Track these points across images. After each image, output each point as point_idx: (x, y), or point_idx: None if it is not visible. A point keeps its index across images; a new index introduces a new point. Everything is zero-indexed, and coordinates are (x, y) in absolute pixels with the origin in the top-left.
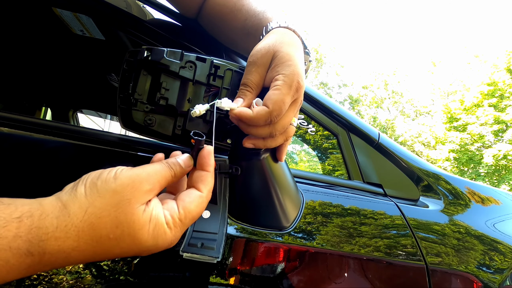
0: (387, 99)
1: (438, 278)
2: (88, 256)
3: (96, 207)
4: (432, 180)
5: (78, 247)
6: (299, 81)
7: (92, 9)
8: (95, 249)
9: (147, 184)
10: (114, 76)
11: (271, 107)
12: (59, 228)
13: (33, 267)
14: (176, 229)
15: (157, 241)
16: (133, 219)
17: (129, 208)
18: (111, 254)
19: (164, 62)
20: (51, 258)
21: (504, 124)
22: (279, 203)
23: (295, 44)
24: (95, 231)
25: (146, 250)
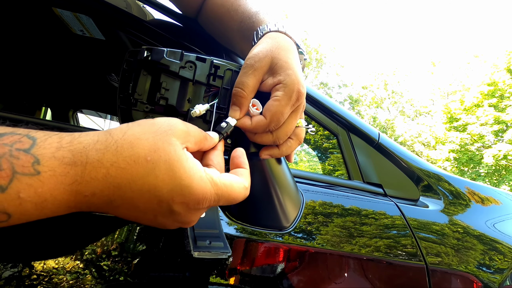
0: (387, 99)
1: (438, 278)
2: (126, 178)
3: (135, 131)
4: (432, 180)
5: (116, 162)
6: (299, 89)
7: (92, 9)
8: (132, 169)
9: (183, 126)
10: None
11: (269, 118)
12: (100, 142)
13: (77, 182)
14: (213, 186)
15: (191, 181)
16: (171, 148)
17: (166, 137)
18: (147, 182)
19: (164, 62)
20: (92, 171)
21: (504, 124)
22: (279, 203)
23: (290, 49)
24: (134, 149)
25: (179, 187)
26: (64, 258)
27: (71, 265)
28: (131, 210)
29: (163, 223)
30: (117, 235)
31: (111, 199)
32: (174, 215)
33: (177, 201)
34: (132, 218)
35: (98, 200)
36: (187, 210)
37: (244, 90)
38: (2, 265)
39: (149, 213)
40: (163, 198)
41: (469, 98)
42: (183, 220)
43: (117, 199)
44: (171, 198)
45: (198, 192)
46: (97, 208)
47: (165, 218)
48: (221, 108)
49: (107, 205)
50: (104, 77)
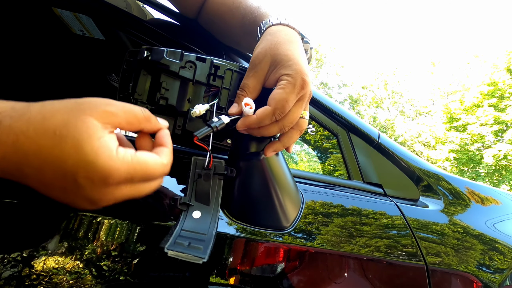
0: (387, 99)
1: (438, 278)
2: (33, 148)
3: (54, 106)
4: (432, 180)
5: (27, 131)
6: (304, 78)
7: (92, 9)
8: (40, 140)
9: (112, 106)
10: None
11: (273, 105)
12: (15, 109)
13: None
14: (123, 163)
15: (97, 159)
16: (82, 125)
17: (81, 115)
18: (52, 153)
19: (164, 62)
20: (2, 135)
21: (504, 124)
22: (279, 203)
23: (291, 40)
24: (45, 122)
25: (83, 162)
26: (64, 258)
27: (71, 265)
28: (41, 182)
29: (74, 201)
30: (117, 235)
31: (20, 167)
32: (81, 190)
33: (81, 175)
34: (44, 191)
35: (8, 164)
36: (93, 185)
37: (244, 90)
38: (2, 265)
39: (57, 186)
40: (67, 171)
41: (469, 98)
42: (92, 197)
43: (25, 167)
44: (76, 171)
45: (104, 169)
46: (10, 174)
47: (73, 194)
48: (221, 108)
49: (18, 171)
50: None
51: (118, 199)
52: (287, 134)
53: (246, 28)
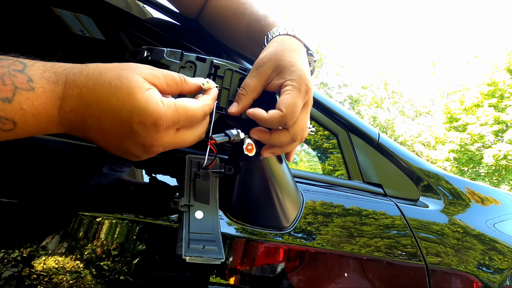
0: (387, 99)
1: (438, 278)
2: (94, 98)
3: (108, 65)
4: (432, 180)
5: (87, 84)
6: (307, 84)
7: (92, 9)
8: (98, 91)
9: (152, 70)
10: None
11: (284, 110)
12: (76, 68)
13: (60, 99)
14: (168, 108)
15: (148, 105)
16: (134, 78)
17: (132, 72)
18: (110, 102)
19: (164, 62)
20: (69, 90)
21: (504, 124)
22: (279, 203)
23: (296, 49)
24: (102, 76)
25: (137, 108)
26: (64, 258)
27: (71, 265)
28: (101, 132)
29: (129, 148)
30: (117, 235)
31: (84, 118)
32: (135, 136)
33: (136, 120)
34: (103, 142)
35: (75, 117)
36: (146, 129)
37: (244, 89)
38: (2, 265)
39: (116, 134)
40: (123, 118)
41: (469, 98)
42: (145, 141)
43: (88, 118)
44: (130, 117)
45: (154, 113)
46: (75, 127)
47: (130, 141)
48: (221, 108)
49: (82, 123)
50: None
51: (167, 145)
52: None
53: (252, 36)
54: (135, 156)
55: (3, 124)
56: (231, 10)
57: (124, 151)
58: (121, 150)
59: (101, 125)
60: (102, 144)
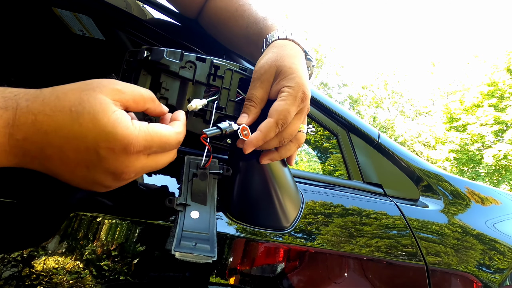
0: (387, 99)
1: (438, 278)
2: (52, 125)
3: (65, 88)
4: (432, 180)
5: (43, 111)
6: (304, 91)
7: (92, 9)
8: (58, 117)
9: (119, 85)
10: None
11: (275, 117)
12: (29, 94)
13: (9, 126)
14: (140, 132)
15: (116, 130)
16: (96, 101)
17: (93, 93)
18: (72, 129)
19: (164, 62)
20: (21, 117)
21: (504, 124)
22: (279, 203)
23: (296, 55)
24: (59, 101)
25: (104, 134)
26: (64, 258)
27: (71, 265)
28: (63, 162)
29: (97, 177)
30: (117, 235)
31: (42, 146)
32: (103, 163)
33: (103, 146)
34: (66, 174)
35: (31, 146)
36: (115, 155)
37: (253, 101)
38: (2, 265)
39: (81, 163)
40: (89, 144)
41: (469, 98)
42: (114, 168)
43: (46, 146)
44: (97, 143)
45: (123, 137)
46: (32, 158)
47: (97, 169)
48: (221, 108)
49: (40, 153)
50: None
51: (139, 171)
52: (285, 146)
53: (250, 38)
54: (104, 186)
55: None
56: (230, 11)
57: (92, 182)
58: (88, 181)
59: (63, 154)
60: (65, 177)
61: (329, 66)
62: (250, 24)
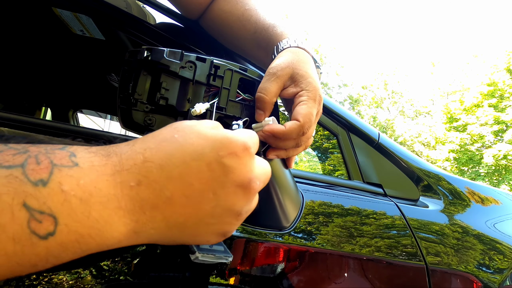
0: (387, 99)
1: (438, 278)
2: (163, 156)
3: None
4: (432, 180)
5: (148, 148)
6: (320, 95)
7: (92, 9)
8: (165, 147)
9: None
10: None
11: (302, 120)
12: (126, 142)
13: (118, 172)
14: (240, 132)
15: (227, 135)
16: (192, 123)
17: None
18: (185, 151)
19: (164, 62)
20: (129, 159)
21: (504, 125)
22: (279, 203)
23: (309, 62)
24: (158, 135)
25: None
26: None
27: (71, 265)
28: (188, 196)
29: (228, 204)
30: None
31: (161, 186)
32: (231, 174)
33: (224, 154)
34: (192, 220)
35: (148, 190)
36: (239, 160)
37: (267, 95)
38: None
39: (207, 191)
40: (210, 159)
41: (469, 98)
42: (243, 178)
43: (166, 182)
44: (217, 153)
45: (237, 138)
46: (152, 209)
47: (226, 190)
48: (221, 108)
49: (160, 196)
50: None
51: (260, 175)
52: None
53: (259, 43)
54: (236, 212)
55: (38, 224)
56: (235, 15)
57: (220, 217)
58: (216, 218)
59: (185, 185)
60: (191, 229)
61: (329, 66)
62: (258, 29)
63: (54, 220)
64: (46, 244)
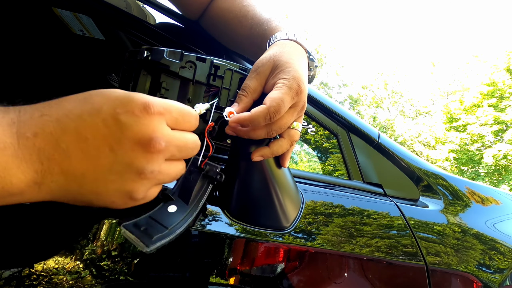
0: (387, 99)
1: (438, 278)
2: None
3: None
4: (432, 180)
5: (48, 105)
6: (300, 85)
7: (92, 9)
8: (65, 103)
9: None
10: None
11: (268, 103)
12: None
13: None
14: (158, 98)
15: (131, 94)
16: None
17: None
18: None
19: (164, 62)
20: (26, 113)
21: (504, 124)
22: (279, 203)
23: (296, 53)
24: (63, 98)
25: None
26: (64, 258)
27: (71, 265)
28: (84, 151)
29: (128, 160)
30: (117, 235)
31: (56, 138)
32: (127, 131)
33: (121, 112)
34: (91, 177)
35: (44, 141)
36: (136, 118)
37: (245, 90)
38: (2, 265)
39: (104, 146)
40: (106, 115)
41: (469, 98)
42: (142, 135)
43: (61, 135)
44: (114, 110)
45: (139, 98)
46: (49, 161)
47: (124, 146)
48: (221, 108)
49: (56, 148)
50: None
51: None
52: (277, 142)
53: (254, 39)
54: (137, 170)
55: None
56: (233, 12)
57: (121, 175)
58: (118, 174)
59: (80, 139)
60: (90, 185)
61: (329, 66)
62: (254, 25)
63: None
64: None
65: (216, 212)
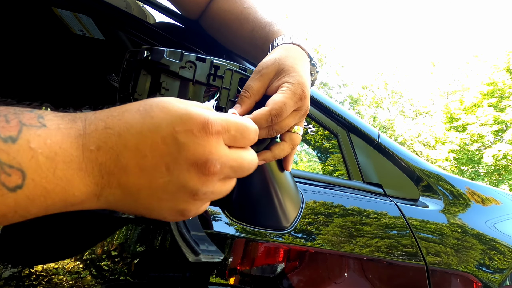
0: (387, 99)
1: (438, 278)
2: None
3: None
4: (432, 180)
5: (111, 116)
6: (304, 90)
7: (92, 9)
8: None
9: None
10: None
11: (271, 106)
12: (91, 111)
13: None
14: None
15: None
16: (161, 98)
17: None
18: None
19: (164, 62)
20: (91, 125)
21: (504, 124)
22: (279, 203)
23: (300, 58)
24: (124, 106)
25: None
26: (64, 258)
27: (71, 265)
28: (142, 167)
29: (182, 181)
30: (117, 235)
31: (117, 153)
32: (184, 151)
33: (180, 130)
34: (145, 193)
35: (106, 156)
36: (194, 138)
37: (247, 91)
38: (2, 265)
39: (160, 164)
40: (165, 133)
41: (469, 98)
42: (198, 157)
43: (122, 150)
44: (173, 128)
45: (199, 115)
46: (109, 175)
47: (179, 166)
48: (221, 108)
49: (116, 163)
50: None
51: (224, 161)
52: (278, 145)
53: (256, 41)
54: (190, 191)
55: (7, 177)
56: (234, 14)
57: (175, 195)
58: (171, 194)
59: (139, 155)
60: (144, 200)
61: (329, 66)
62: (255, 28)
63: (22, 174)
64: (14, 196)
65: (216, 212)
